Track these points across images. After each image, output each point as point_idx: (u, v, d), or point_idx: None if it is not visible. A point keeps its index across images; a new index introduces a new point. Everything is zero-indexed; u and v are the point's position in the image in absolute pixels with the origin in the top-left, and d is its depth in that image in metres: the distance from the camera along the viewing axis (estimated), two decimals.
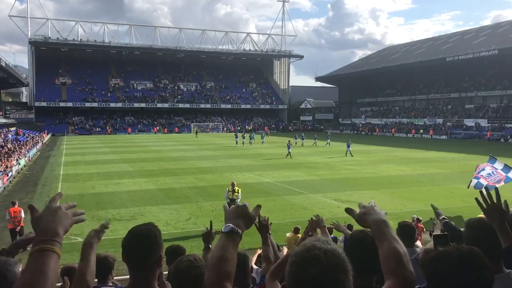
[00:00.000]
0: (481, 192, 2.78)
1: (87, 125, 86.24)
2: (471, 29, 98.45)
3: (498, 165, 13.83)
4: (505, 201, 3.65)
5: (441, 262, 1.82)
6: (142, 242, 2.31)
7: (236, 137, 54.44)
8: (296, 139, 52.74)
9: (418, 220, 11.16)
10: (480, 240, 2.59)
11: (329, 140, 52.16)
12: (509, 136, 61.76)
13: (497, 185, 13.46)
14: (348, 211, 2.27)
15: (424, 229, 12.35)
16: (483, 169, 13.93)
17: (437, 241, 2.70)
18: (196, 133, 75.58)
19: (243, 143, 52.07)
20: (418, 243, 7.46)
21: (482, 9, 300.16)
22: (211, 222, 4.01)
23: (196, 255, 2.91)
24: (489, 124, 67.96)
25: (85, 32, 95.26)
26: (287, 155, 38.45)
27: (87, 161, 36.40)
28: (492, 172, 13.68)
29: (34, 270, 1.57)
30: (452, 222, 4.67)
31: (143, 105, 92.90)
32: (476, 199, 2.78)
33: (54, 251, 1.63)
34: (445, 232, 2.75)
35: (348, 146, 40.00)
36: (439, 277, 1.81)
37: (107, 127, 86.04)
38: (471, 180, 14.64)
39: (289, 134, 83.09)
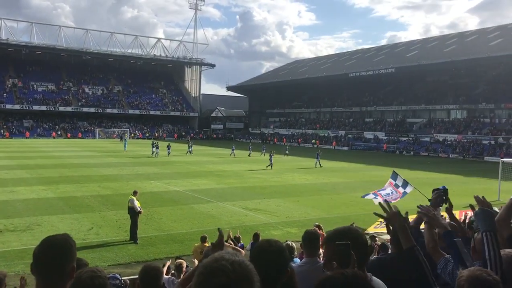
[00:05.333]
0: (380, 204, 3.13)
1: None
2: (372, 48, 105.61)
3: (399, 181, 15.29)
4: (406, 213, 4.12)
5: None
6: (57, 251, 2.20)
7: (153, 147, 48.87)
8: (233, 150, 50.99)
9: (319, 228, 11.59)
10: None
11: (287, 152, 52.67)
12: (403, 149, 66.84)
13: (392, 202, 14.73)
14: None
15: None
16: (384, 189, 15.30)
17: (338, 248, 2.70)
18: (121, 138, 71.82)
19: (157, 153, 47.86)
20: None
21: (379, 29, 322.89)
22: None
23: (98, 268, 2.81)
24: (386, 137, 73.03)
25: None
26: (269, 165, 37.12)
27: None
28: (392, 192, 14.93)
29: None
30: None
31: (43, 108, 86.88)
32: (375, 212, 3.09)
33: None
34: (347, 241, 2.84)
35: (317, 157, 40.51)
36: None
37: (2, 131, 79.55)
38: (369, 194, 15.82)
39: (216, 142, 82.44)
